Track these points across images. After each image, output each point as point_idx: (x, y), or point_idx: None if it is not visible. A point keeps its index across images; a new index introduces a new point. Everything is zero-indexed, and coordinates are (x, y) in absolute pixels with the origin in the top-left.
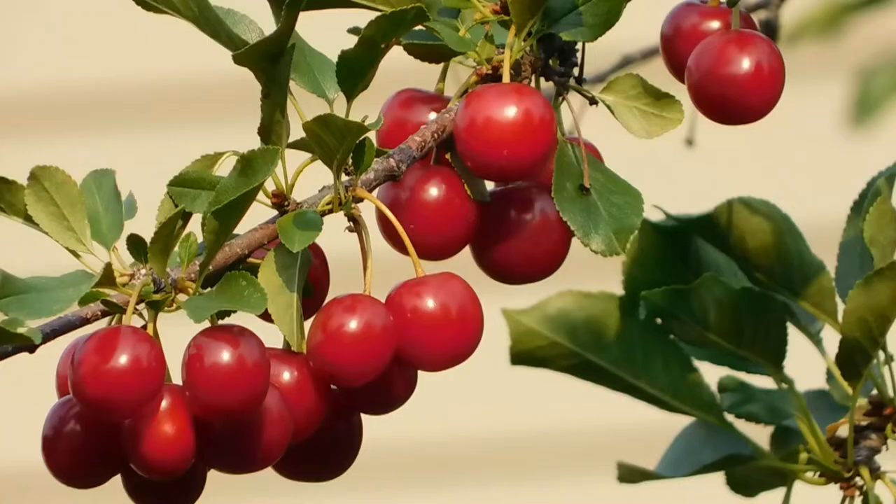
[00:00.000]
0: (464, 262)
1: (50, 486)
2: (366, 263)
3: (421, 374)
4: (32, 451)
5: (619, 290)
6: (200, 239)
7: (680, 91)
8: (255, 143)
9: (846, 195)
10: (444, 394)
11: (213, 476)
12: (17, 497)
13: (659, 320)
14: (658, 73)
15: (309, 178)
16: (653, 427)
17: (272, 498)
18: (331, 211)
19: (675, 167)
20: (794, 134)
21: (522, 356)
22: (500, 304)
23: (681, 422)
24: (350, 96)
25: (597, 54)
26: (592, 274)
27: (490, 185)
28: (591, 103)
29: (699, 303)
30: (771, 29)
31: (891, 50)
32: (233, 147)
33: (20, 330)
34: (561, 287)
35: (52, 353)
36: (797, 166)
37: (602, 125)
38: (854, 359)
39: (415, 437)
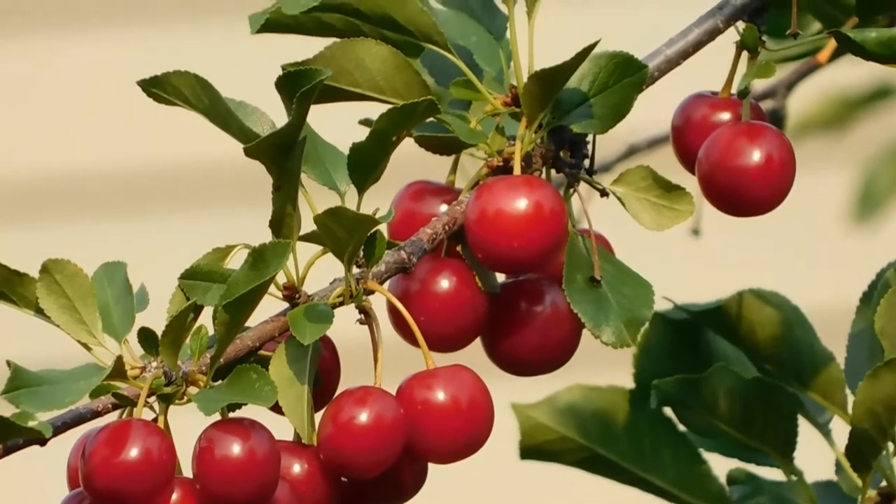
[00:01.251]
0: (474, 354)
1: None
2: (376, 355)
3: (431, 465)
4: None
5: (628, 381)
6: (211, 331)
7: (685, 180)
8: (265, 231)
9: (854, 285)
10: (452, 484)
11: None
12: None
13: (669, 410)
14: (663, 163)
15: (320, 270)
16: None
17: None
18: (342, 303)
19: (683, 257)
20: (803, 223)
21: (532, 451)
22: (510, 394)
23: None
24: (361, 189)
25: (602, 144)
26: (602, 365)
27: (501, 277)
28: (601, 195)
29: (710, 392)
30: (777, 118)
31: (894, 144)
32: (243, 237)
33: (31, 423)
34: (571, 378)
35: (63, 444)
36: (805, 256)
37: (611, 215)
38: (863, 450)
39: None
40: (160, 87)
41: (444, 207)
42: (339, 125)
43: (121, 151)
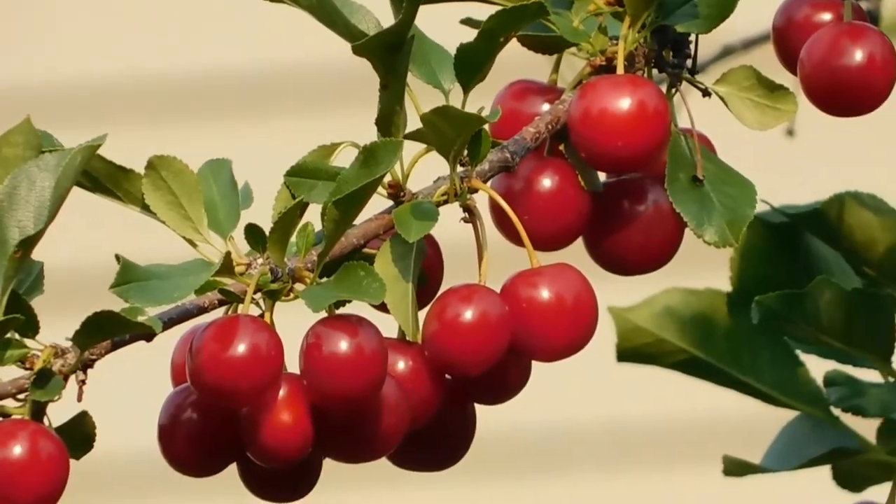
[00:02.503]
0: (575, 253)
1: (165, 474)
2: (481, 254)
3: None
4: (148, 440)
5: (724, 284)
6: (317, 228)
7: (784, 82)
8: (368, 130)
9: None
10: (550, 383)
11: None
12: (133, 485)
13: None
14: (758, 63)
15: (423, 168)
16: (756, 419)
17: (372, 486)
18: (446, 201)
19: (781, 159)
20: None
21: (629, 353)
22: (610, 293)
23: (785, 414)
24: (467, 88)
25: (698, 45)
26: (699, 268)
27: (603, 176)
28: (704, 95)
29: (812, 305)
30: (872, 19)
31: None
32: (348, 136)
33: (140, 318)
34: (667, 281)
35: (166, 341)
36: None
37: (710, 117)
38: None
39: (524, 425)
40: None
41: (546, 106)
42: (439, 24)
43: (225, 54)
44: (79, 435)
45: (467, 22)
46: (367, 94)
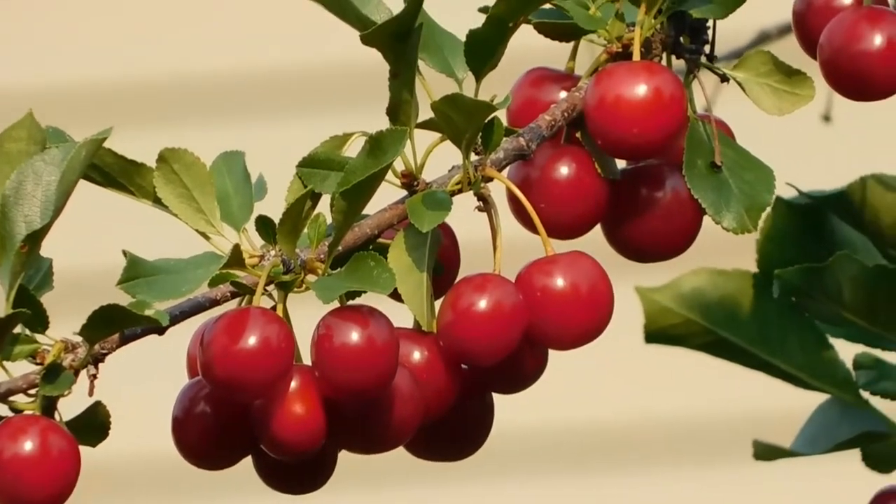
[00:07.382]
0: (594, 242)
1: (181, 469)
2: (495, 243)
3: (552, 357)
4: (164, 435)
5: (753, 269)
6: (329, 220)
7: (813, 67)
8: (384, 124)
9: None
10: (575, 376)
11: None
12: (148, 481)
13: (793, 298)
14: (796, 50)
15: (438, 158)
16: (785, 411)
17: (362, 486)
18: (460, 191)
19: (808, 145)
20: None
21: (657, 334)
22: (631, 283)
23: (812, 404)
24: (479, 75)
25: (732, 31)
26: (725, 253)
27: (621, 164)
28: (722, 80)
29: (833, 281)
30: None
31: None
32: (362, 129)
33: (147, 312)
34: (694, 266)
35: (184, 335)
36: None
37: (735, 103)
38: None
39: (548, 421)
40: None
41: (563, 94)
42: (457, 13)
43: (237, 54)
44: (93, 425)
45: (484, 10)
46: (382, 90)
